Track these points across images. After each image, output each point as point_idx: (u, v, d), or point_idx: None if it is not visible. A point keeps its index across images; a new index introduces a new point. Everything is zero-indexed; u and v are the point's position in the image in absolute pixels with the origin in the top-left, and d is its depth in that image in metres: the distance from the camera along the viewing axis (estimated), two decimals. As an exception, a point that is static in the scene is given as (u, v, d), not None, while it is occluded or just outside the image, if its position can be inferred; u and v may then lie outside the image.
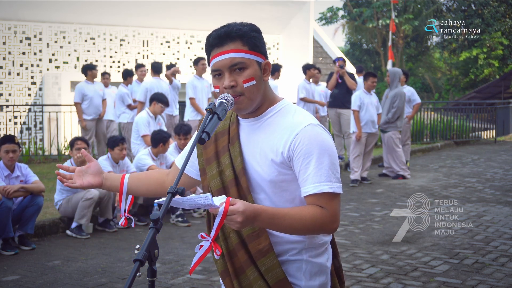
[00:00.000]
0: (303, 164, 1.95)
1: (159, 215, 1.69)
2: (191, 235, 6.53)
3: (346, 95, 10.65)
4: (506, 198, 8.45)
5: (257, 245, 2.00)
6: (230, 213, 1.78)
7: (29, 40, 13.15)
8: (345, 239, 6.26)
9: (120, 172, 7.19)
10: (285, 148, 1.97)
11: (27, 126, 13.00)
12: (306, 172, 1.95)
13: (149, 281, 1.71)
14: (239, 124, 2.10)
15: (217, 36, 1.99)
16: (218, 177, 2.08)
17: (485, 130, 17.04)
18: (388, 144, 10.11)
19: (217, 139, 2.13)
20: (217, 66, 1.99)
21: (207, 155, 2.14)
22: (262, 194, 2.04)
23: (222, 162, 2.09)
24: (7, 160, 6.04)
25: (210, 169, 2.12)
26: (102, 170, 2.28)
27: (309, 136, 1.96)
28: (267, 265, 2.00)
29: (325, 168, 1.94)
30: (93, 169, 2.26)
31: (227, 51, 1.97)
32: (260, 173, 2.02)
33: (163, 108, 8.59)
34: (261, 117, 2.06)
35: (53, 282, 4.96)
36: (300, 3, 16.24)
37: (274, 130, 2.02)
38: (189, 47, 15.10)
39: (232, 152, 2.07)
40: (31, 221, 6.02)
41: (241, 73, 1.97)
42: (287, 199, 2.03)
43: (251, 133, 2.06)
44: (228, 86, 1.96)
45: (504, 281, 4.87)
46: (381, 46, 30.70)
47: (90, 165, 2.27)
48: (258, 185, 2.04)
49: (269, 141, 2.02)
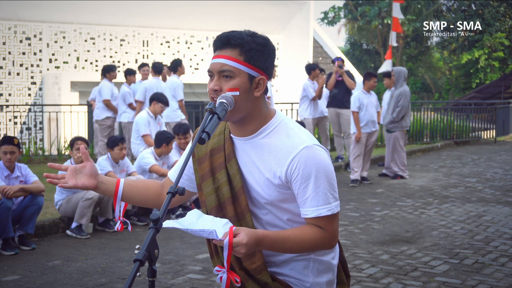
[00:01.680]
0: (301, 187, 1.98)
1: (159, 215, 1.69)
2: (191, 235, 6.51)
3: (346, 95, 10.64)
4: (506, 198, 8.44)
5: (251, 264, 2.03)
6: (235, 245, 1.82)
7: (29, 40, 13.16)
8: (345, 239, 6.26)
9: (120, 172, 7.19)
10: (282, 172, 1.98)
11: (27, 126, 13.01)
12: (304, 196, 1.98)
13: (149, 281, 1.71)
14: (233, 142, 2.09)
15: (219, 39, 2.00)
16: (214, 194, 2.08)
17: (485, 130, 17.05)
18: (393, 144, 10.10)
19: (212, 155, 2.10)
20: (210, 67, 2.01)
21: (202, 171, 2.12)
22: (264, 210, 2.07)
23: (218, 179, 2.08)
24: (5, 161, 6.05)
25: (206, 185, 2.11)
26: (97, 172, 2.19)
27: (305, 160, 1.96)
28: (262, 283, 2.04)
29: (323, 191, 1.98)
30: (89, 170, 2.16)
31: (222, 56, 1.98)
32: (260, 192, 2.03)
33: (163, 108, 8.59)
34: (254, 137, 2.04)
35: (53, 282, 4.96)
36: (300, 3, 16.24)
37: (269, 152, 2.01)
38: (189, 47, 15.10)
39: (230, 169, 2.06)
40: (32, 221, 6.02)
41: (228, 81, 1.97)
42: (290, 211, 2.07)
43: (246, 152, 2.06)
44: (212, 88, 1.98)
45: (504, 281, 4.87)
46: (381, 46, 30.70)
47: (86, 165, 2.17)
48: (259, 202, 2.06)
49: (265, 162, 2.01)
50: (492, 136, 16.97)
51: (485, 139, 16.85)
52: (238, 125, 2.04)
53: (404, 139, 10.16)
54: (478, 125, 16.84)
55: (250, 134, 2.04)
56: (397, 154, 10.10)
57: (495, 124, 17.03)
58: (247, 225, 2.02)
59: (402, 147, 10.08)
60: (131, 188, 2.23)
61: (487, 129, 17.10)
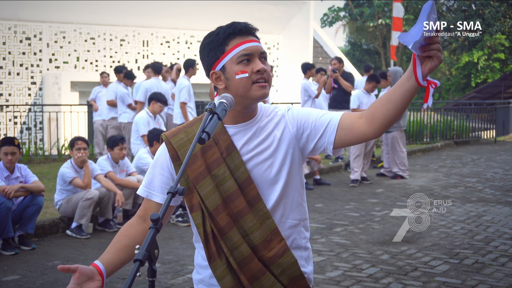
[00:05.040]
0: (312, 117, 2.05)
1: (159, 215, 1.69)
2: (191, 235, 6.50)
3: (345, 96, 10.64)
4: (506, 198, 8.44)
5: (271, 250, 2.00)
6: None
7: (29, 40, 13.16)
8: (345, 239, 6.26)
9: (120, 172, 7.19)
10: (288, 131, 2.05)
11: (27, 126, 13.01)
12: (319, 114, 2.06)
13: (149, 281, 1.71)
14: (228, 133, 2.06)
15: (244, 25, 2.02)
16: (217, 191, 2.01)
17: (485, 130, 17.05)
18: (391, 145, 10.09)
19: (204, 152, 2.04)
20: (249, 50, 2.00)
21: (194, 172, 2.03)
22: (275, 192, 2.04)
23: (218, 175, 2.02)
24: (6, 162, 6.05)
25: (203, 186, 2.02)
26: (89, 272, 1.93)
27: (295, 108, 2.11)
28: (283, 266, 2.01)
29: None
30: (83, 276, 1.90)
31: (255, 40, 2.03)
32: (267, 173, 2.02)
33: (162, 108, 8.59)
34: (254, 120, 2.07)
35: (53, 282, 4.96)
36: (300, 3, 16.25)
37: (268, 128, 2.06)
38: (189, 47, 15.10)
39: (230, 162, 2.02)
40: (32, 221, 6.03)
41: (266, 63, 2.03)
42: (298, 182, 2.09)
43: (249, 138, 2.05)
44: (262, 69, 1.99)
45: (504, 281, 4.87)
46: (381, 46, 30.70)
47: (76, 275, 1.90)
48: (268, 186, 2.03)
49: (271, 138, 2.04)
50: (492, 136, 16.97)
51: (485, 139, 16.85)
52: (249, 109, 2.05)
53: (403, 139, 10.16)
54: (478, 125, 16.85)
55: (252, 117, 2.07)
56: (396, 154, 10.09)
57: (495, 124, 17.02)
58: (261, 212, 2.00)
59: (401, 147, 10.07)
60: (112, 263, 2.02)
61: (487, 129, 17.10)
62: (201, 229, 2.03)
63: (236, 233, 1.99)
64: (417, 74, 1.81)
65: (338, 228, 6.77)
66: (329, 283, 4.85)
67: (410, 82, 1.85)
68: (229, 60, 2.00)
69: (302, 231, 2.09)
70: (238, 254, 1.99)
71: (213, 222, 2.01)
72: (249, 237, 1.99)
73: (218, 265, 2.01)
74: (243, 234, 2.00)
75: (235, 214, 2.00)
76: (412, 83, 1.84)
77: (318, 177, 9.67)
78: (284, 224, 2.04)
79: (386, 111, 1.92)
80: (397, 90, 1.90)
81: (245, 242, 1.99)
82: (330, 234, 6.46)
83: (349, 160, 10.50)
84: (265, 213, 2.01)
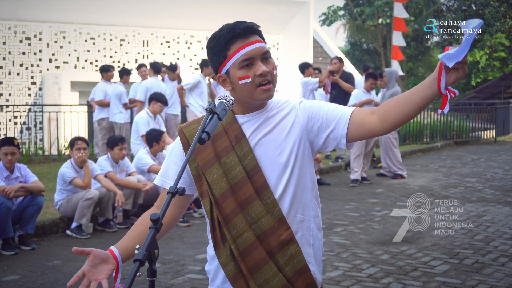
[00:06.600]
0: (323, 110, 2.06)
1: (159, 215, 1.69)
2: (191, 235, 6.53)
3: (345, 96, 10.64)
4: (506, 198, 8.44)
5: (278, 237, 2.00)
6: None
7: (29, 40, 13.15)
8: (345, 239, 6.26)
9: (120, 172, 7.19)
10: (299, 121, 2.05)
11: (27, 126, 13.00)
12: (331, 108, 2.07)
13: (149, 281, 1.71)
14: (238, 122, 2.09)
15: (244, 27, 2.02)
16: (224, 178, 2.03)
17: (485, 130, 17.05)
18: (386, 144, 10.12)
19: (215, 141, 2.08)
20: (250, 54, 2.01)
21: (203, 159, 2.08)
22: (283, 181, 2.04)
23: (227, 162, 2.05)
24: (6, 162, 6.05)
25: (211, 172, 2.05)
26: (104, 255, 2.01)
27: (307, 101, 2.13)
28: (288, 255, 2.01)
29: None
30: (97, 258, 1.99)
31: (256, 41, 2.03)
32: (275, 162, 2.03)
33: (162, 108, 8.60)
34: (264, 109, 2.09)
35: (53, 282, 4.96)
36: (300, 3, 16.24)
37: (277, 117, 2.08)
38: (189, 47, 15.10)
39: (239, 150, 2.04)
40: (32, 221, 6.03)
41: (269, 62, 2.04)
42: (308, 177, 2.08)
43: (257, 126, 2.07)
44: (264, 72, 2.00)
45: (504, 281, 4.87)
46: (381, 46, 30.70)
47: (90, 258, 1.98)
48: (276, 175, 2.03)
49: (280, 127, 2.06)
50: (492, 136, 16.97)
51: (485, 139, 16.85)
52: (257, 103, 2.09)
53: (397, 138, 10.21)
54: (478, 125, 16.85)
55: (263, 107, 2.10)
56: (391, 152, 10.12)
57: (495, 124, 17.03)
58: (268, 200, 2.01)
59: (394, 145, 10.11)
60: (128, 249, 2.09)
61: (487, 129, 17.11)
62: (209, 215, 2.06)
63: (242, 219, 2.00)
64: (440, 83, 1.85)
65: (338, 228, 6.77)
66: (329, 283, 4.85)
67: (432, 89, 1.88)
68: (232, 66, 2.02)
69: (312, 228, 2.08)
70: (241, 242, 2.00)
71: (219, 209, 2.03)
72: (257, 223, 2.00)
73: (222, 252, 2.04)
74: (250, 221, 2.00)
75: (242, 202, 2.01)
76: (434, 91, 1.87)
77: (318, 177, 9.67)
78: (292, 217, 2.03)
79: (401, 113, 1.95)
80: (417, 94, 1.92)
81: (251, 229, 2.00)
82: (330, 234, 6.46)
83: (349, 160, 10.50)
84: (272, 201, 2.01)
